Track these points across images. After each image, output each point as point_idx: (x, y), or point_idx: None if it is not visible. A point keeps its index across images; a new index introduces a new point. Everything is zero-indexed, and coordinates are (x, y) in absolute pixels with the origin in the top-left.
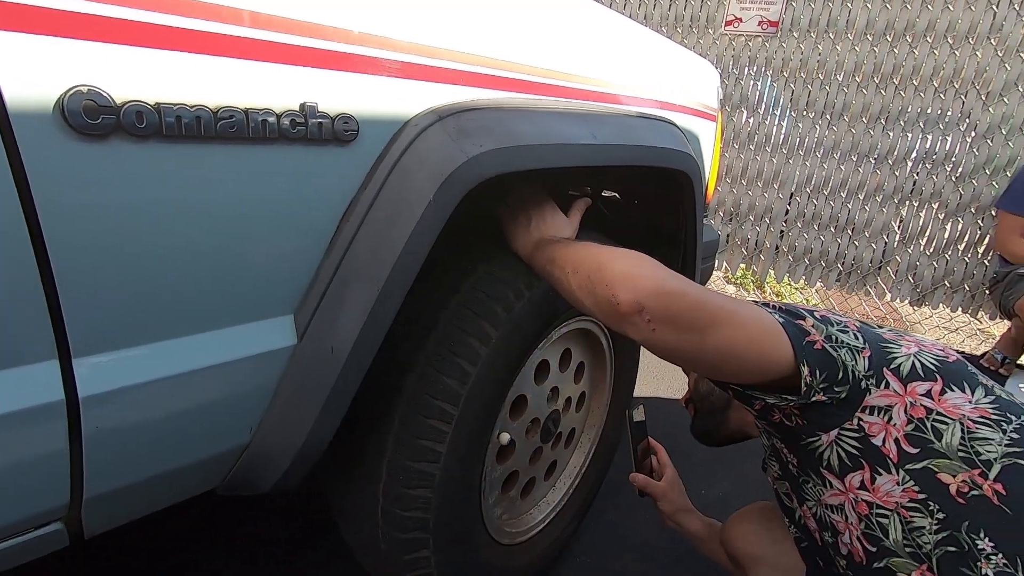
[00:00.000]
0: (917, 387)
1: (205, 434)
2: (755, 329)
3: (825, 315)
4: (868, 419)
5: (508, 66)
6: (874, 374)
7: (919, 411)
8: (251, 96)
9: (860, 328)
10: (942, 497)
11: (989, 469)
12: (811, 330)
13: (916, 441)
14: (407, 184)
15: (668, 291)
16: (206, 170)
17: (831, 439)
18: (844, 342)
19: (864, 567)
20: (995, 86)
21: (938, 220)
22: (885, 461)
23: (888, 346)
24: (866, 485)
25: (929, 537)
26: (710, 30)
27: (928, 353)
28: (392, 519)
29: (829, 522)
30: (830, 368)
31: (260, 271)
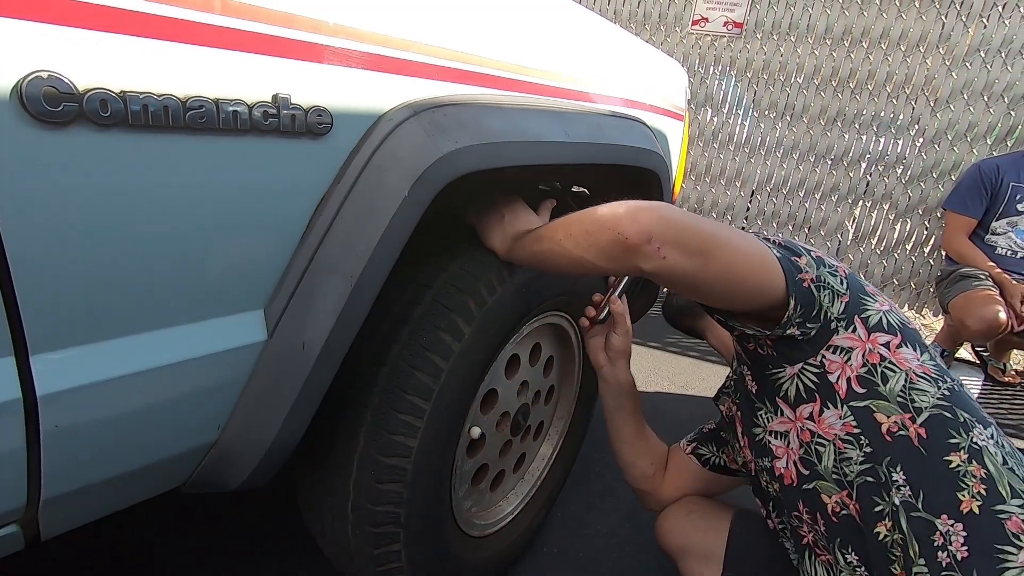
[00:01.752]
0: (879, 337)
1: (170, 432)
2: (755, 256)
3: (820, 256)
4: (830, 356)
5: (483, 62)
6: (846, 318)
7: (875, 357)
8: (222, 86)
9: (848, 276)
10: (874, 434)
11: (918, 415)
12: (804, 268)
13: (865, 383)
14: (381, 179)
15: (670, 216)
16: (173, 161)
17: (794, 371)
18: (829, 284)
19: (794, 488)
20: (942, 93)
21: (888, 220)
22: (835, 397)
23: (866, 298)
24: (814, 416)
25: (855, 467)
26: (677, 29)
27: (895, 314)
28: (363, 513)
29: (770, 448)
30: (809, 306)
31: (229, 265)
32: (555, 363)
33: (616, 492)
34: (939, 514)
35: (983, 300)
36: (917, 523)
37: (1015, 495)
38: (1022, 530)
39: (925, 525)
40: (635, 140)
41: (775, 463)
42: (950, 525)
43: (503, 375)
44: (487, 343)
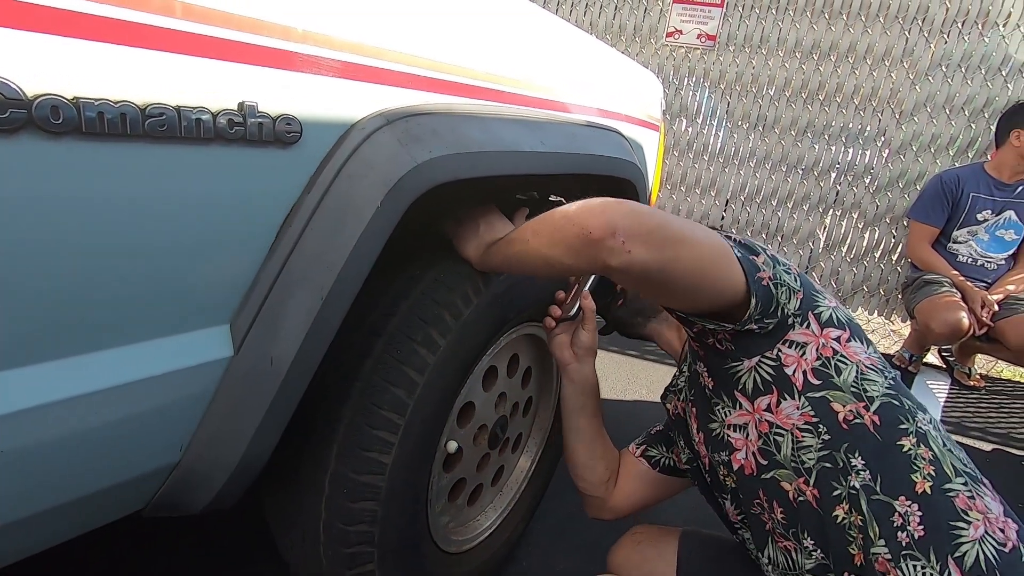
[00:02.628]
0: (831, 332)
1: (128, 454)
2: (719, 253)
3: (774, 255)
4: (786, 351)
5: (458, 71)
6: (801, 314)
7: (828, 351)
8: (184, 93)
9: (799, 274)
10: (831, 422)
11: (871, 403)
12: (762, 267)
13: (820, 375)
14: (353, 189)
15: (636, 211)
16: (132, 170)
17: (752, 365)
18: (785, 282)
19: (754, 477)
20: (907, 106)
21: (857, 229)
22: (792, 388)
23: (816, 295)
24: (771, 407)
25: (813, 454)
26: (652, 40)
27: (841, 310)
28: (335, 534)
29: (728, 441)
30: (767, 303)
31: (192, 279)
32: (533, 374)
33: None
34: (897, 496)
35: (946, 305)
36: (877, 505)
37: (958, 474)
38: (968, 506)
39: (884, 507)
40: (611, 150)
41: (734, 455)
42: (908, 506)
43: (480, 387)
44: (463, 355)
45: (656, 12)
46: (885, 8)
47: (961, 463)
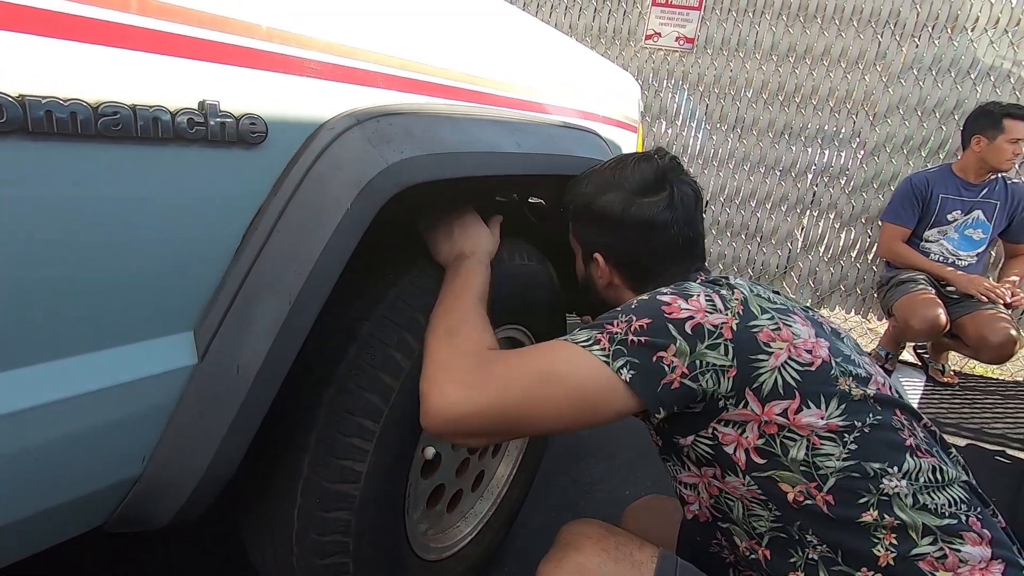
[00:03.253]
0: (775, 407)
1: (87, 468)
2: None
3: (700, 324)
4: (722, 430)
5: (431, 71)
6: (735, 394)
7: (772, 428)
8: (139, 91)
9: (736, 333)
10: (780, 502)
11: (824, 483)
12: (673, 363)
13: (764, 454)
14: (322, 191)
15: (461, 415)
16: (84, 172)
17: (688, 442)
18: (710, 364)
19: (709, 524)
20: (880, 108)
21: (834, 229)
22: (734, 467)
23: (758, 359)
24: (718, 477)
25: (766, 524)
26: (631, 43)
27: (795, 362)
28: (308, 545)
29: (680, 494)
30: (686, 398)
31: (153, 285)
32: None
33: (577, 506)
34: (859, 567)
35: (924, 302)
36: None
37: (927, 533)
38: (935, 567)
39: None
40: (588, 151)
41: (687, 507)
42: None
43: None
44: None
45: (635, 15)
46: (858, 12)
47: (936, 515)
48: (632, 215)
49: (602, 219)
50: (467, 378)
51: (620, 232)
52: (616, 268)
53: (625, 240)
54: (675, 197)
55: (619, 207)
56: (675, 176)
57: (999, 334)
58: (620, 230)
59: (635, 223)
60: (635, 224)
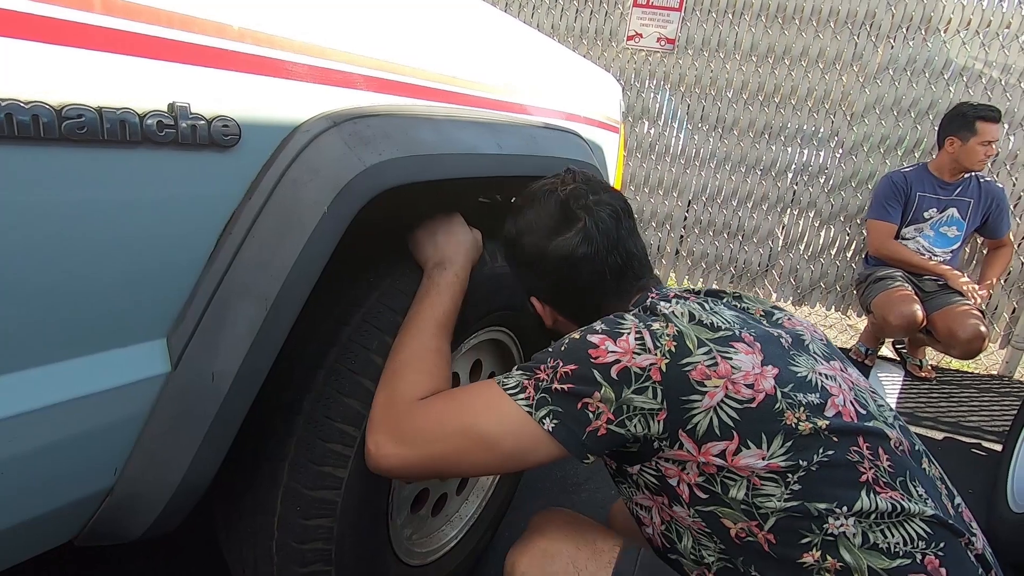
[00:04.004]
0: (712, 448)
1: (55, 482)
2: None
3: (627, 367)
4: (665, 464)
5: (410, 72)
6: (668, 435)
7: (711, 468)
8: (105, 93)
9: (666, 374)
10: (723, 536)
11: (765, 521)
12: (599, 409)
13: (706, 491)
14: (298, 194)
15: (395, 467)
16: (49, 176)
17: (634, 472)
18: (638, 408)
19: (661, 552)
20: (857, 108)
21: (814, 227)
22: (679, 498)
23: (689, 399)
24: (667, 504)
25: (712, 555)
26: (613, 43)
27: (733, 399)
28: (289, 553)
29: (636, 515)
30: (616, 442)
31: (123, 291)
32: None
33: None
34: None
35: (901, 299)
36: None
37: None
38: None
39: None
40: (570, 152)
41: (643, 528)
42: None
43: None
44: None
45: (616, 16)
46: (835, 14)
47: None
48: (548, 257)
49: (524, 264)
50: (397, 430)
51: (544, 275)
52: (553, 307)
53: (551, 282)
54: (588, 226)
55: (535, 251)
56: (584, 203)
57: (968, 330)
58: (543, 273)
59: (554, 265)
60: (554, 265)
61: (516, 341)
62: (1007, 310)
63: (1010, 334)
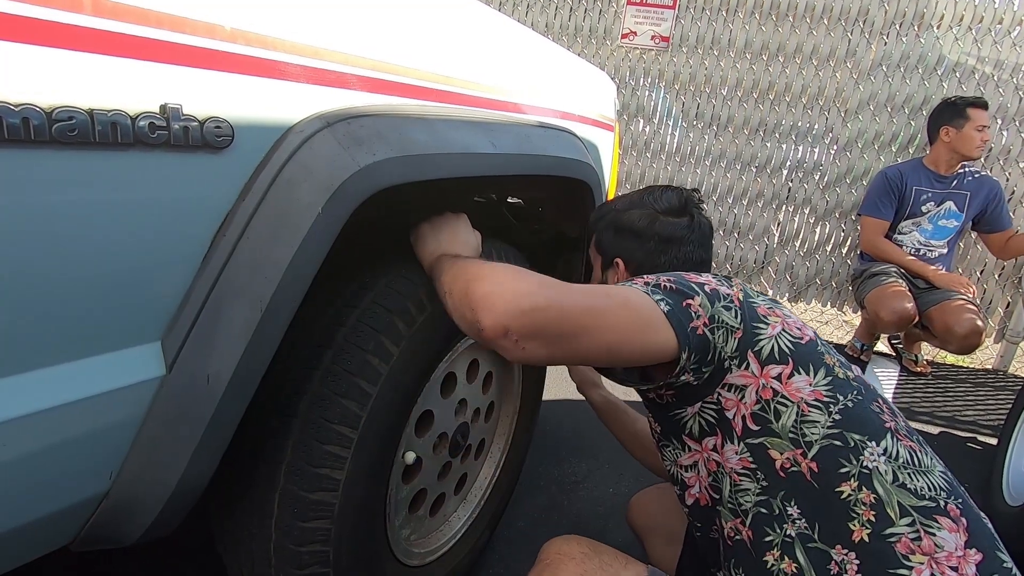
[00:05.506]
0: (771, 370)
1: (50, 487)
2: (630, 326)
3: (715, 288)
4: (726, 395)
5: (404, 71)
6: (739, 355)
7: (768, 393)
8: (96, 95)
9: (743, 303)
10: (768, 469)
11: (809, 449)
12: (698, 311)
13: (759, 420)
14: (292, 195)
15: (530, 308)
16: (40, 179)
17: (695, 410)
18: (723, 322)
19: (707, 508)
20: (851, 104)
21: (809, 224)
22: (732, 433)
23: (758, 326)
24: (717, 448)
25: (751, 498)
26: (607, 42)
27: (788, 334)
28: (286, 556)
29: (681, 479)
30: (703, 351)
31: (117, 293)
32: (494, 378)
33: (562, 505)
34: (833, 545)
35: (894, 295)
36: (814, 553)
37: (904, 514)
38: (911, 550)
39: (821, 555)
40: (564, 150)
41: (688, 491)
42: (844, 554)
43: (439, 395)
44: (419, 364)
45: (611, 14)
46: (828, 10)
47: (914, 495)
48: (656, 229)
49: (628, 230)
50: (534, 279)
51: (643, 243)
52: (632, 274)
53: (646, 250)
54: (695, 221)
55: (645, 221)
56: (696, 207)
57: (965, 325)
58: (644, 241)
59: (658, 236)
60: (657, 237)
61: None
62: (1001, 304)
63: (1005, 328)
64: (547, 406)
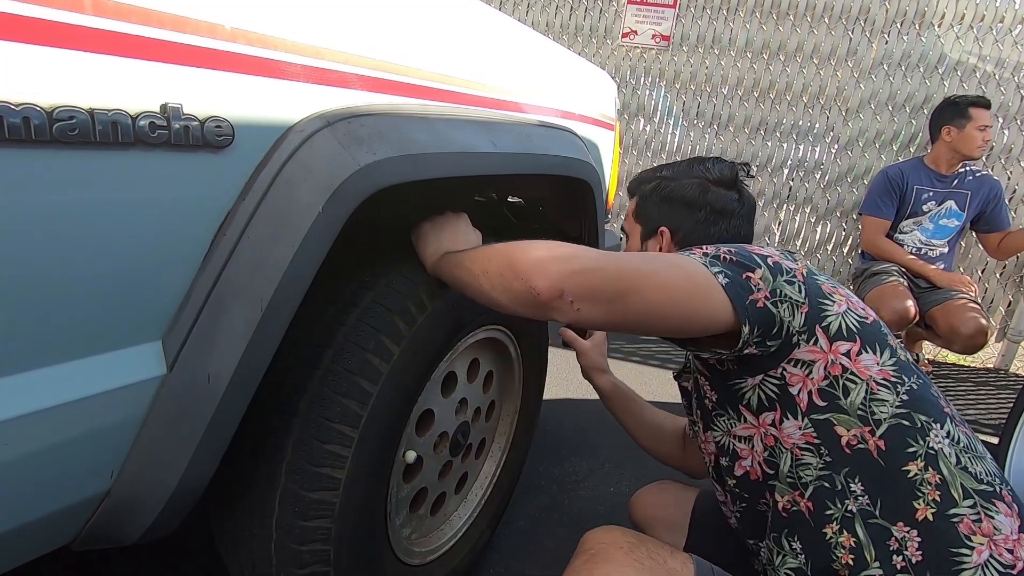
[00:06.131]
0: (840, 346)
1: (52, 486)
2: (687, 291)
3: (778, 262)
4: (791, 370)
5: (404, 71)
6: (807, 330)
7: (836, 369)
8: (97, 95)
9: (806, 278)
10: (833, 445)
11: (878, 427)
12: (759, 284)
13: (827, 396)
14: (292, 194)
15: (583, 269)
16: (42, 178)
17: (755, 382)
18: (787, 296)
19: (759, 483)
20: (852, 103)
21: (810, 223)
22: (795, 409)
23: (824, 302)
24: (776, 423)
25: (813, 472)
26: (608, 41)
27: (854, 313)
28: (287, 555)
29: (733, 449)
30: (767, 325)
31: (118, 293)
32: (495, 378)
33: (562, 505)
34: (895, 522)
35: (894, 294)
36: (874, 529)
37: (967, 495)
38: (972, 531)
39: (881, 531)
40: (565, 150)
41: (739, 463)
42: (906, 532)
43: (439, 394)
44: (419, 363)
45: (611, 13)
46: (829, 9)
47: (975, 479)
48: (707, 200)
49: (677, 200)
50: (576, 246)
51: (692, 213)
52: (677, 245)
53: (695, 221)
54: (745, 197)
55: (696, 191)
56: (745, 182)
57: (969, 324)
58: (693, 211)
59: (710, 207)
60: (708, 208)
61: (514, 340)
62: (1003, 303)
63: (1006, 327)
64: (548, 406)
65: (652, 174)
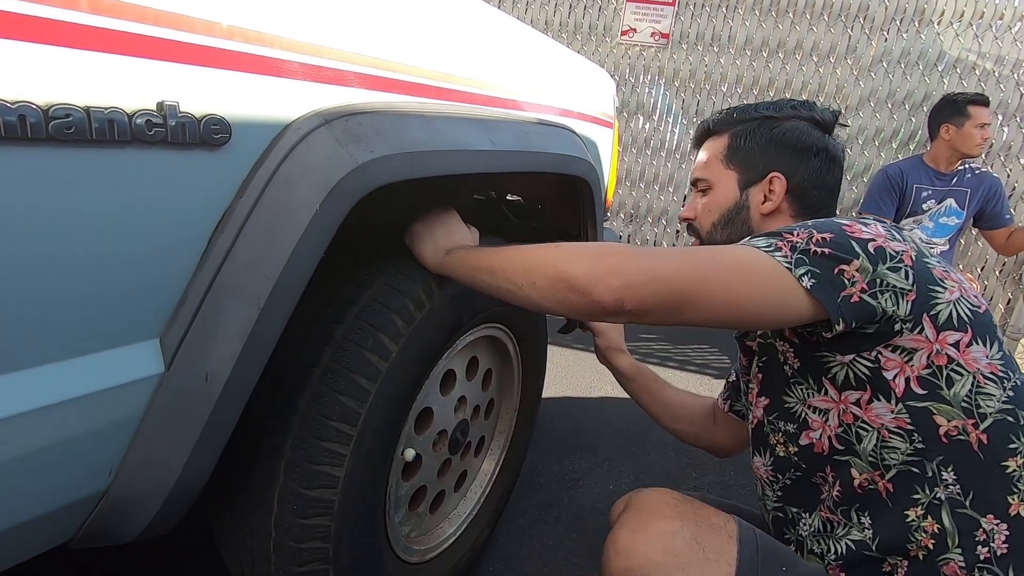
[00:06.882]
0: (949, 337)
1: (50, 484)
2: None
3: (881, 246)
4: (888, 355)
5: (402, 68)
6: (913, 319)
7: (942, 359)
8: (93, 93)
9: (915, 262)
10: (929, 434)
11: (982, 421)
12: (854, 277)
13: (927, 385)
14: (289, 193)
15: (643, 281)
16: (38, 177)
17: (846, 360)
18: (890, 285)
19: (823, 456)
20: (852, 101)
21: None
22: (889, 393)
23: (934, 289)
24: (860, 403)
25: (900, 456)
26: (607, 39)
27: (967, 301)
28: (286, 553)
29: (805, 419)
30: (866, 316)
31: (115, 292)
32: (494, 375)
33: (562, 502)
34: (986, 514)
35: None
36: (961, 518)
37: None
38: None
39: (969, 521)
40: (563, 148)
41: (806, 432)
42: (995, 524)
43: (438, 392)
44: (418, 361)
45: (610, 11)
46: (828, 6)
47: None
48: (825, 146)
49: (791, 143)
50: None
51: (807, 159)
52: (790, 194)
53: (811, 168)
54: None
55: (814, 136)
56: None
57: None
58: (807, 156)
59: (825, 152)
60: (825, 154)
61: (512, 338)
62: (1002, 301)
63: (1006, 325)
64: (547, 403)
65: (751, 112)
